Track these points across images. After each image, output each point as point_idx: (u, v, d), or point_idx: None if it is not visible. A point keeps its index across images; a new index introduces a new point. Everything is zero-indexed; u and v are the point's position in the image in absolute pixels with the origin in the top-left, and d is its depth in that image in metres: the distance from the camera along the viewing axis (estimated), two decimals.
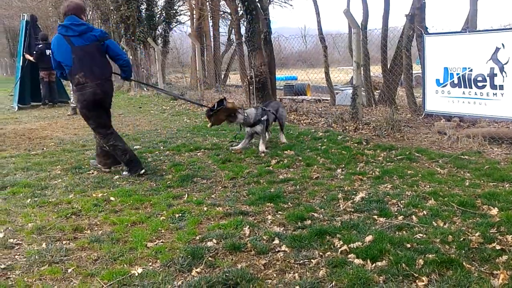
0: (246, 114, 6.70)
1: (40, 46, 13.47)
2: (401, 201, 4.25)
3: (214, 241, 3.52)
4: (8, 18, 33.83)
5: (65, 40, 5.23)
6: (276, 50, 11.12)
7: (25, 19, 13.87)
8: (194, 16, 21.59)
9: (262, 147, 6.68)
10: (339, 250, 3.27)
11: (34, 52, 13.41)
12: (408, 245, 3.28)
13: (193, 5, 21.74)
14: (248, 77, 10.12)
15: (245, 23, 10.68)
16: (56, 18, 29.02)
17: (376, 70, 12.33)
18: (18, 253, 3.46)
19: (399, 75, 10.14)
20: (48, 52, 13.73)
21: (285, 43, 12.25)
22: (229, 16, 21.57)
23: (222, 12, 22.68)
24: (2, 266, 3.22)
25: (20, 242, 3.67)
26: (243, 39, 11.89)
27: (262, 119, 6.78)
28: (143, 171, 5.58)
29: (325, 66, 12.17)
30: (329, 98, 12.64)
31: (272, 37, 10.68)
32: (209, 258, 3.25)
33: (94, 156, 6.07)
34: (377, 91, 11.97)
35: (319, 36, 12.21)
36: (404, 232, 3.58)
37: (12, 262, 3.30)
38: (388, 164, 5.64)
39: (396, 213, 3.97)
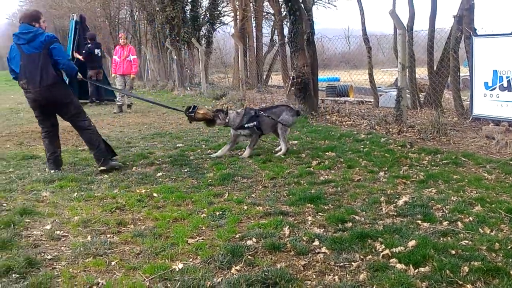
0: (228, 119, 6.45)
1: (89, 45, 13.89)
2: (446, 207, 4.14)
3: (254, 240, 3.53)
4: (58, 18, 35.02)
5: (17, 48, 5.46)
6: (319, 51, 11.04)
7: (74, 19, 14.32)
8: (238, 17, 21.73)
9: (245, 153, 6.45)
10: (381, 254, 3.21)
11: (84, 52, 13.83)
12: (453, 252, 3.19)
13: (237, 6, 21.89)
14: (290, 78, 10.08)
15: (288, 24, 10.65)
16: (104, 18, 29.90)
17: (421, 72, 12.06)
18: (64, 245, 3.57)
19: (445, 77, 9.87)
20: (96, 51, 14.16)
21: (328, 44, 12.17)
22: (272, 17, 21.60)
23: (265, 13, 22.73)
24: (49, 257, 3.33)
25: (66, 234, 3.79)
26: (286, 40, 11.87)
27: (247, 125, 6.44)
28: (53, 171, 5.72)
29: (369, 67, 11.99)
30: (372, 100, 12.45)
31: (315, 38, 10.62)
32: (249, 257, 3.26)
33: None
34: (422, 94, 11.70)
35: (363, 37, 12.04)
36: (448, 238, 3.48)
37: (58, 253, 3.42)
38: (433, 168, 5.50)
39: (441, 219, 3.86)
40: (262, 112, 6.63)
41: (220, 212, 4.22)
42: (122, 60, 12.70)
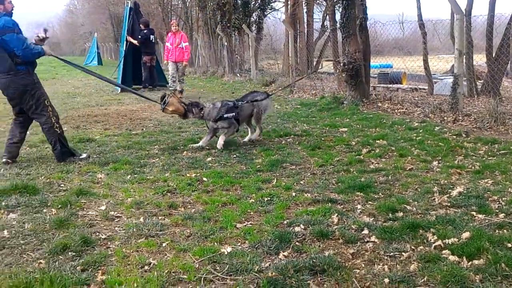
0: (202, 113, 6.34)
1: (145, 31, 14.17)
2: (503, 198, 3.97)
3: (302, 226, 3.53)
4: (113, 5, 35.97)
5: None
6: (371, 37, 10.77)
7: (129, 6, 14.59)
8: (289, 2, 21.53)
9: (220, 141, 6.26)
10: (433, 245, 3.13)
11: (139, 37, 14.12)
12: (509, 245, 3.06)
13: None
14: (341, 64, 9.92)
15: (340, 9, 10.44)
16: (157, 5, 30.39)
17: (479, 59, 11.56)
18: (117, 225, 3.69)
19: (505, 64, 9.44)
20: (152, 37, 14.44)
21: (381, 30, 11.85)
22: (324, 2, 21.27)
23: None
24: (103, 237, 3.45)
25: (120, 215, 3.91)
26: (338, 25, 11.66)
27: (226, 116, 6.30)
28: (4, 160, 5.47)
29: (424, 53, 11.61)
30: (426, 87, 12.07)
31: (368, 23, 10.37)
32: (297, 243, 3.26)
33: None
34: (479, 81, 11.24)
35: (418, 22, 11.65)
36: (505, 230, 3.34)
37: (112, 233, 3.54)
38: (490, 159, 5.29)
39: (497, 211, 3.72)
40: (241, 103, 6.52)
41: (268, 198, 4.23)
42: (174, 47, 12.88)
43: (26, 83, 5.37)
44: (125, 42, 14.36)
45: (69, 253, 3.14)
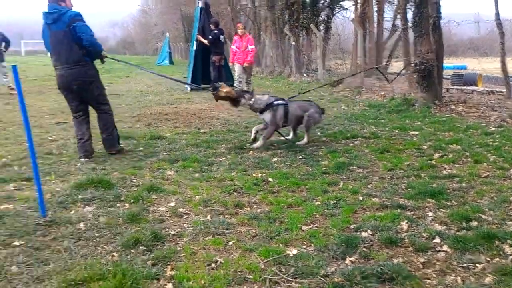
0: (253, 100, 6.33)
1: (215, 31, 14.44)
2: None
3: (369, 232, 3.45)
4: (185, 5, 36.92)
5: (46, 27, 5.58)
6: (445, 37, 10.37)
7: (200, 6, 14.90)
8: (359, 1, 21.13)
9: (258, 144, 6.29)
10: (510, 257, 2.96)
11: (209, 37, 14.40)
12: None
13: None
14: (413, 65, 9.60)
15: (412, 7, 10.12)
16: (226, 5, 30.85)
17: None
18: (186, 222, 3.79)
19: None
20: (221, 37, 14.68)
21: (455, 29, 11.38)
22: (395, 0, 20.69)
23: None
24: (173, 232, 3.55)
25: (188, 212, 4.01)
26: (409, 24, 11.30)
27: (275, 105, 6.30)
28: (82, 159, 5.67)
29: (501, 54, 10.99)
30: (504, 90, 11.43)
31: (441, 22, 9.98)
32: (364, 249, 3.19)
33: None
34: None
35: (495, 22, 11.04)
36: None
37: (181, 229, 3.63)
38: None
39: None
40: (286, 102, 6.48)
41: (335, 201, 4.18)
42: (241, 51, 13.02)
43: (93, 73, 5.76)
44: (195, 41, 14.68)
45: (140, 247, 3.25)
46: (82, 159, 5.70)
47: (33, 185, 4.57)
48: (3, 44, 13.01)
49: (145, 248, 3.24)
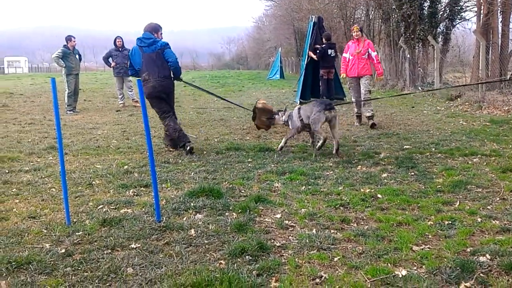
0: (284, 116, 7.22)
1: (323, 45, 14.43)
2: None
3: (488, 256, 3.19)
4: (298, 20, 37.37)
5: (138, 49, 7.06)
6: None
7: (313, 20, 14.98)
8: (482, 11, 19.87)
9: (281, 144, 7.13)
10: None
11: (318, 51, 14.44)
12: None
13: (481, 0, 20.02)
14: None
15: None
16: (340, 19, 30.73)
17: None
18: (291, 235, 3.79)
19: None
20: (330, 51, 14.63)
21: None
22: None
23: None
24: (278, 244, 3.57)
25: (294, 224, 4.01)
26: None
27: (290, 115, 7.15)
28: (188, 147, 6.92)
29: None
30: None
31: None
32: (481, 274, 2.96)
33: None
34: None
35: None
36: None
37: (286, 241, 3.64)
38: None
39: None
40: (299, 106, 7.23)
41: (449, 222, 3.93)
42: (356, 57, 9.78)
43: (173, 86, 7.34)
44: (306, 56, 14.78)
45: (247, 256, 3.32)
46: (187, 144, 6.95)
47: (150, 192, 4.89)
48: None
49: (251, 257, 3.30)
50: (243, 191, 4.99)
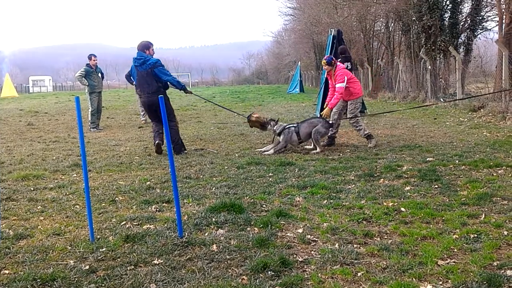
0: (276, 127, 8.34)
1: (339, 59, 14.43)
2: None
3: None
4: (317, 34, 37.45)
5: (134, 67, 8.21)
6: None
7: (332, 34, 14.99)
8: (504, 21, 19.63)
9: (265, 148, 8.38)
10: None
11: None
12: None
13: (503, 10, 19.79)
14: None
15: None
16: (359, 31, 30.71)
17: None
18: (313, 249, 3.76)
19: None
20: (346, 64, 14.60)
21: None
22: None
23: None
24: (300, 259, 3.54)
25: (316, 239, 3.98)
26: None
27: (285, 130, 8.25)
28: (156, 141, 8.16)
29: None
30: None
31: None
32: None
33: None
34: None
35: None
36: None
37: (308, 256, 3.61)
38: None
39: None
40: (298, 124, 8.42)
41: (475, 235, 3.85)
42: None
43: (165, 99, 7.86)
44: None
45: (269, 272, 3.30)
46: (156, 141, 8.13)
47: (172, 207, 4.93)
48: None
49: (273, 273, 3.28)
50: (264, 205, 4.99)
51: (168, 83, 8.24)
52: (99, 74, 13.30)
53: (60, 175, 6.88)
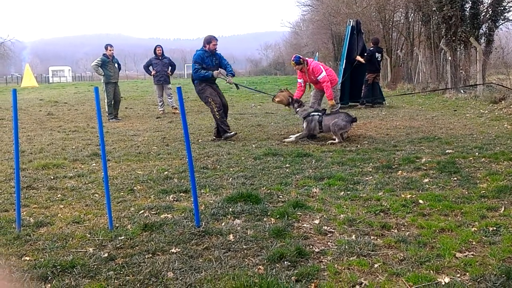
0: (300, 110, 8.61)
1: (371, 48, 14.33)
2: None
3: None
4: (335, 24, 37.09)
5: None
6: None
7: (351, 24, 14.85)
8: None
9: (289, 139, 8.45)
10: None
11: (366, 54, 14.33)
12: None
13: None
14: None
15: None
16: (378, 22, 30.34)
17: None
18: (330, 240, 3.76)
19: None
20: (377, 55, 14.49)
21: None
22: None
23: None
24: (316, 250, 3.55)
25: (333, 230, 3.98)
26: None
27: (309, 117, 8.41)
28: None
29: None
30: None
31: None
32: None
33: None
34: None
35: None
36: None
37: (325, 247, 3.61)
38: None
39: None
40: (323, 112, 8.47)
41: (494, 228, 3.80)
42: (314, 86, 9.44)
43: (199, 89, 8.88)
44: (344, 60, 14.67)
45: (285, 262, 3.31)
46: (232, 133, 8.89)
47: (190, 197, 4.96)
48: (170, 68, 14.40)
49: (289, 263, 3.29)
50: (281, 196, 4.99)
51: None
52: (116, 65, 13.34)
53: (80, 164, 6.97)
